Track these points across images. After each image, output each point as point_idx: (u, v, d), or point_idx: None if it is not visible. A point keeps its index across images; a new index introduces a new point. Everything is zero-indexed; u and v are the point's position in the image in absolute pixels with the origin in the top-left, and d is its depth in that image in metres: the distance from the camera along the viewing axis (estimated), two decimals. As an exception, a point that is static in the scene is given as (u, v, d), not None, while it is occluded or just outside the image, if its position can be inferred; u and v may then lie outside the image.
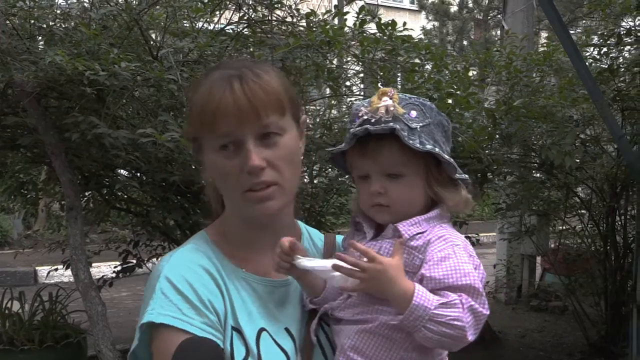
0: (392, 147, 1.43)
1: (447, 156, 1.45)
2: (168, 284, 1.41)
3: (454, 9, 19.78)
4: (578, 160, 4.76)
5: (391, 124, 1.41)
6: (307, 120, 1.61)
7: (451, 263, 1.37)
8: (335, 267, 1.38)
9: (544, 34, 15.28)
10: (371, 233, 1.51)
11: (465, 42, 18.92)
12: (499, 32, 18.35)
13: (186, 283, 1.41)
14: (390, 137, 1.42)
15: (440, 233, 1.43)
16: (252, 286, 1.50)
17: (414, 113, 1.44)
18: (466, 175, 1.49)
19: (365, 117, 1.45)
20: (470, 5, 20.03)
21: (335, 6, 5.04)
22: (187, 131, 1.66)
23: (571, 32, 5.45)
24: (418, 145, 1.41)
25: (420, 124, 1.43)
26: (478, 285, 1.36)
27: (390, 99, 1.44)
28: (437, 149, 1.44)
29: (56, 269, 5.68)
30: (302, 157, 1.55)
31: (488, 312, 1.38)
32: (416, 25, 16.59)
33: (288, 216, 1.57)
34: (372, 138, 1.44)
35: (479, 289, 1.36)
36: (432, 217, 1.46)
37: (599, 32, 5.81)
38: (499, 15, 17.61)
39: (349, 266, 1.36)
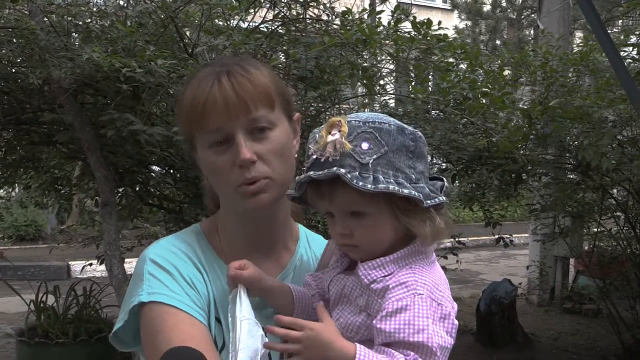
0: (345, 188, 1.29)
1: (407, 191, 1.29)
2: (154, 265, 1.46)
3: (486, 8, 19.63)
4: (614, 162, 4.68)
5: (334, 168, 1.27)
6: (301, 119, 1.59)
7: (405, 316, 1.24)
8: (267, 346, 1.34)
9: (578, 34, 15.10)
10: (345, 263, 1.43)
11: (498, 42, 18.76)
12: (532, 32, 18.18)
13: (170, 264, 1.46)
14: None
15: (404, 278, 1.29)
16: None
17: (365, 145, 1.29)
18: (440, 198, 1.34)
19: (315, 157, 1.32)
20: (504, 4, 19.86)
21: (370, 4, 5.02)
22: (179, 130, 1.66)
23: (608, 31, 5.36)
24: (369, 186, 1.26)
25: (375, 157, 1.29)
26: (432, 344, 1.23)
27: (339, 131, 1.30)
28: (392, 187, 1.28)
29: (90, 264, 5.74)
30: (296, 155, 1.53)
31: None
32: (449, 24, 16.46)
33: (282, 214, 1.56)
34: (324, 180, 1.31)
35: (433, 347, 1.23)
36: (402, 256, 1.33)
37: (638, 32, 5.71)
38: (533, 15, 17.47)
39: (280, 346, 1.31)
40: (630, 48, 5.58)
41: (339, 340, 1.28)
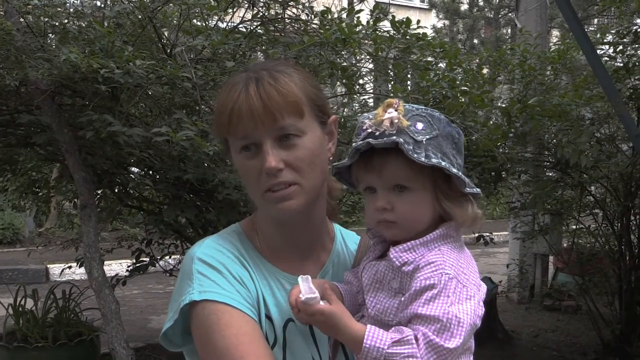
0: (397, 160, 1.37)
1: (455, 170, 1.38)
2: (203, 264, 1.47)
3: (464, 7, 19.72)
4: (592, 159, 4.72)
5: (394, 137, 1.35)
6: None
7: (430, 294, 1.31)
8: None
9: (555, 32, 15.21)
10: (378, 252, 1.48)
11: (475, 41, 18.86)
12: (509, 31, 18.30)
13: (219, 262, 1.47)
14: (395, 151, 1.35)
15: (433, 258, 1.35)
16: (280, 281, 1.53)
17: (420, 125, 1.37)
18: (477, 189, 1.42)
19: (370, 130, 1.39)
20: (481, 3, 19.96)
21: (349, 3, 5.02)
22: (214, 132, 1.68)
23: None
24: (423, 159, 1.34)
25: (427, 137, 1.36)
26: (447, 318, 1.29)
27: (396, 110, 1.37)
28: (444, 163, 1.36)
29: (70, 267, 5.68)
30: (331, 158, 1.55)
31: (454, 346, 1.29)
32: (426, 23, 16.50)
33: (318, 216, 1.58)
34: (377, 152, 1.38)
35: (447, 322, 1.29)
36: (432, 239, 1.39)
37: (614, 30, 5.76)
38: (510, 14, 17.58)
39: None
40: (607, 46, 5.63)
41: (349, 323, 1.34)
